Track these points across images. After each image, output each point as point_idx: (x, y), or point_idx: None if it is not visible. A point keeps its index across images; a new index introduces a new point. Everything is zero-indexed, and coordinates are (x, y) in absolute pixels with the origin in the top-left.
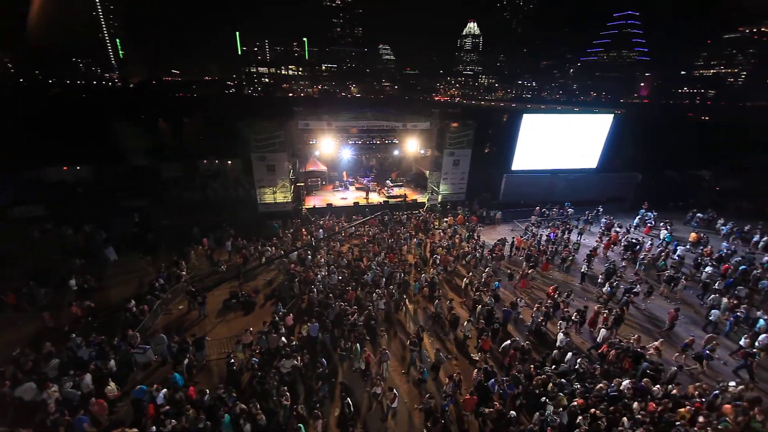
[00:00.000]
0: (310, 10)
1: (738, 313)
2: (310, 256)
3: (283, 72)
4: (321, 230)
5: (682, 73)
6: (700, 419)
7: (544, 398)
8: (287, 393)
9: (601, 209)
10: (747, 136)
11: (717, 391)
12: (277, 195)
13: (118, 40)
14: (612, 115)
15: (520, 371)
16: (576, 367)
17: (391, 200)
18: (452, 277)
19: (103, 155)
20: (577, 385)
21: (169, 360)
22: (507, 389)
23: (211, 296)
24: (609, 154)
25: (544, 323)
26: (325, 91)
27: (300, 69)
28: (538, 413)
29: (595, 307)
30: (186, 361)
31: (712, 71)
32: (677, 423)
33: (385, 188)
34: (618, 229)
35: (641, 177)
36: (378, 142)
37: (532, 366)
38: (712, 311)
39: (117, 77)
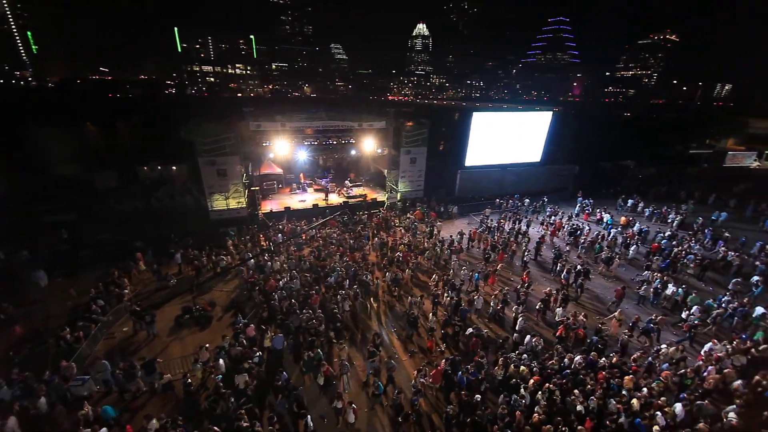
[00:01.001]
0: (256, 7)
1: (663, 288)
2: (269, 263)
3: (229, 71)
4: (280, 235)
5: (607, 74)
6: (641, 382)
7: (513, 380)
8: (243, 413)
9: (546, 199)
10: (660, 129)
11: (650, 358)
12: (230, 201)
13: (29, 33)
14: (551, 113)
15: (482, 357)
16: (532, 347)
17: (351, 200)
18: (415, 273)
19: (20, 165)
20: (534, 363)
21: (114, 389)
22: (471, 376)
23: (160, 314)
24: (550, 148)
25: (502, 310)
26: (276, 91)
27: (248, 68)
28: (502, 395)
29: (547, 290)
30: (134, 387)
31: (630, 73)
32: (623, 389)
33: (344, 189)
34: (560, 217)
35: (578, 168)
36: (334, 142)
37: (499, 353)
38: (644, 287)
39: (30, 75)
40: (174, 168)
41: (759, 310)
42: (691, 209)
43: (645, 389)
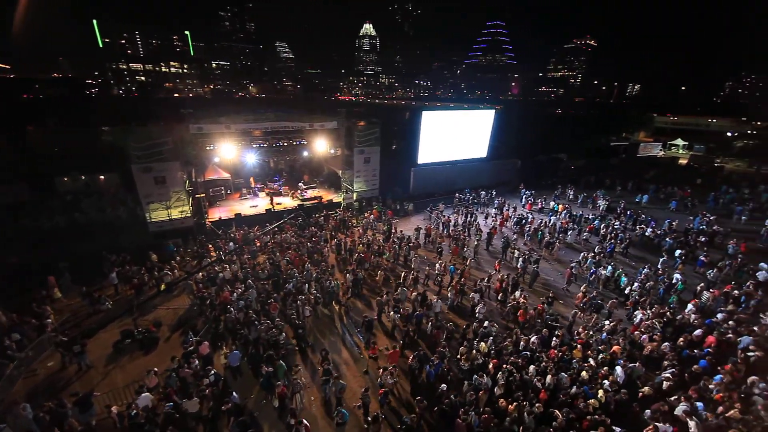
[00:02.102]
0: (189, 1)
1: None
2: (221, 274)
3: (163, 69)
4: (231, 243)
5: (540, 74)
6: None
7: (476, 362)
8: None
9: (494, 192)
10: (585, 124)
11: (592, 333)
12: (173, 210)
13: None
14: (493, 111)
15: (444, 347)
16: (489, 331)
17: (306, 203)
18: (375, 272)
19: None
20: (492, 347)
21: None
22: (435, 369)
23: (94, 341)
24: (495, 144)
25: (459, 300)
26: (219, 91)
27: (185, 66)
28: (466, 382)
29: (499, 276)
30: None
31: (559, 74)
32: (573, 361)
33: (299, 191)
34: (507, 208)
35: (520, 162)
36: (285, 143)
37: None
38: (576, 267)
39: None
40: (102, 177)
41: (676, 276)
42: (604, 194)
43: (591, 360)
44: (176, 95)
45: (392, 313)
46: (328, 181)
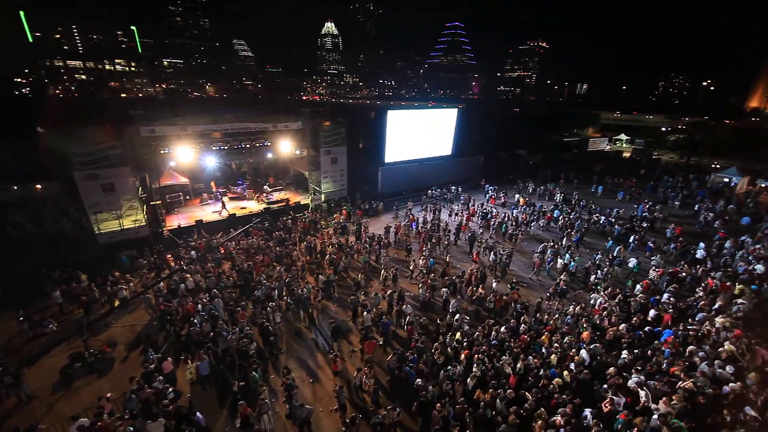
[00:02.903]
0: None
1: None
2: (183, 284)
3: (107, 67)
4: (193, 252)
5: (498, 74)
6: (554, 338)
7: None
8: None
9: (460, 188)
10: (541, 122)
11: (558, 317)
12: (125, 220)
13: None
14: (456, 110)
15: (422, 342)
16: (459, 324)
17: (273, 206)
18: (347, 273)
19: None
20: (465, 340)
21: None
22: (411, 363)
23: (37, 369)
24: (459, 142)
25: (431, 295)
26: (172, 91)
27: (132, 64)
28: (442, 371)
29: (469, 270)
30: None
31: (515, 74)
32: (543, 347)
33: (264, 194)
34: (472, 204)
35: (483, 159)
36: (248, 145)
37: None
38: (538, 256)
39: None
40: (38, 186)
41: (633, 261)
42: (557, 186)
43: (557, 344)
44: (123, 95)
45: (366, 313)
46: (294, 182)
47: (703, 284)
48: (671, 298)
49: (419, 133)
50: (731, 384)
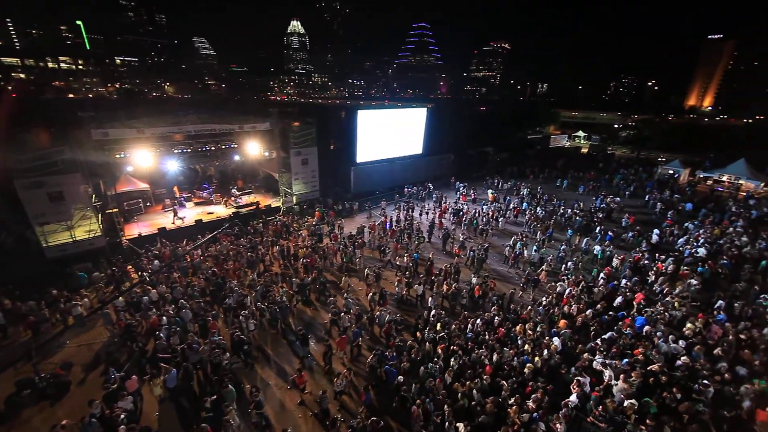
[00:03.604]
0: None
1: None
2: (146, 297)
3: (50, 65)
4: (156, 261)
5: (464, 74)
6: (528, 326)
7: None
8: None
9: (432, 186)
10: (506, 120)
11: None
12: (77, 231)
13: None
14: (426, 109)
15: (401, 340)
16: (436, 319)
17: (242, 210)
18: (323, 276)
19: None
20: (443, 334)
21: None
22: (391, 360)
23: None
24: (429, 141)
25: (406, 293)
26: (127, 91)
27: (80, 62)
28: (422, 367)
29: (444, 266)
30: None
31: (481, 74)
32: (518, 338)
33: (232, 198)
34: (444, 201)
35: (453, 157)
36: (213, 148)
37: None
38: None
39: None
40: None
41: (597, 249)
42: (520, 181)
43: (530, 332)
44: (71, 96)
45: (343, 314)
46: (264, 185)
47: (654, 268)
48: (628, 283)
49: (390, 133)
50: (683, 357)
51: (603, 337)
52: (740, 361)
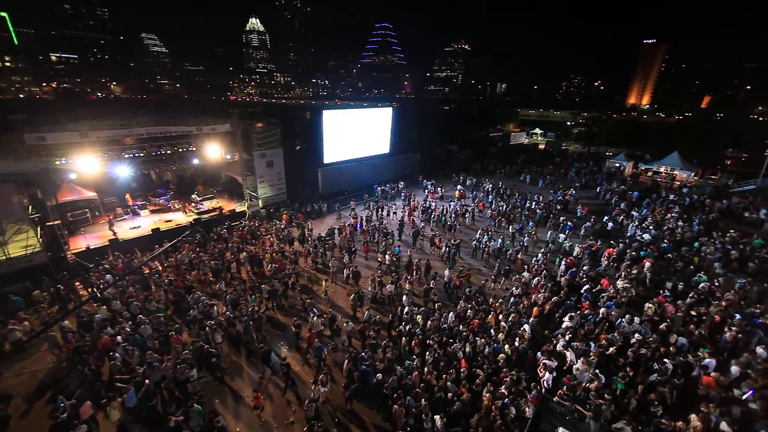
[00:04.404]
0: None
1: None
2: (97, 315)
3: None
4: (109, 276)
5: (427, 74)
6: (500, 317)
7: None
8: None
9: (402, 184)
10: (468, 119)
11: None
12: (10, 247)
13: None
14: (391, 108)
15: (374, 338)
16: (410, 315)
17: (204, 216)
18: (294, 280)
19: None
20: (417, 330)
21: None
22: (367, 360)
23: None
24: (396, 140)
25: (379, 292)
26: (67, 91)
27: (7, 58)
28: (398, 367)
29: (415, 262)
30: None
31: (443, 74)
32: (491, 327)
33: (192, 204)
34: (413, 199)
35: (420, 155)
36: (169, 151)
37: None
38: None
39: None
40: None
41: (561, 237)
42: (479, 178)
43: (503, 323)
44: None
45: (315, 318)
46: (227, 189)
47: (606, 254)
48: (585, 268)
49: (357, 133)
50: (636, 335)
51: (567, 323)
52: (686, 335)
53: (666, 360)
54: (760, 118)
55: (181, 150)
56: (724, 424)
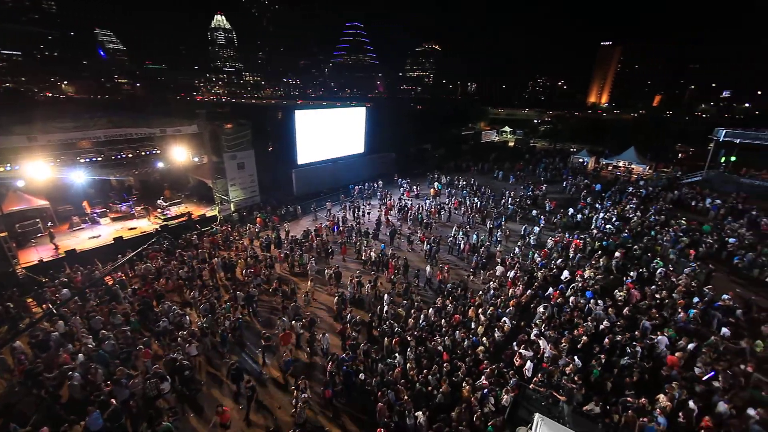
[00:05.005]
0: None
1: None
2: (54, 333)
3: None
4: (66, 290)
5: (400, 74)
6: (479, 311)
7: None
8: None
9: (381, 183)
10: (441, 118)
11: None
12: None
13: None
14: (364, 108)
15: (354, 338)
16: (387, 314)
17: (172, 222)
18: (270, 285)
19: None
20: (397, 328)
21: None
22: (348, 360)
23: None
24: (370, 140)
25: (358, 292)
26: (9, 91)
27: None
28: (380, 364)
29: (392, 261)
30: None
31: (415, 74)
32: (472, 321)
33: (158, 210)
34: (389, 198)
35: (395, 155)
36: (130, 155)
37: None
38: (459, 241)
39: None
40: None
41: (535, 229)
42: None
43: (482, 316)
44: None
45: (294, 321)
46: (196, 193)
47: (572, 246)
48: (559, 261)
49: (330, 133)
50: (604, 322)
51: (541, 313)
52: (651, 318)
53: (636, 343)
54: (703, 115)
55: (144, 153)
56: (691, 402)
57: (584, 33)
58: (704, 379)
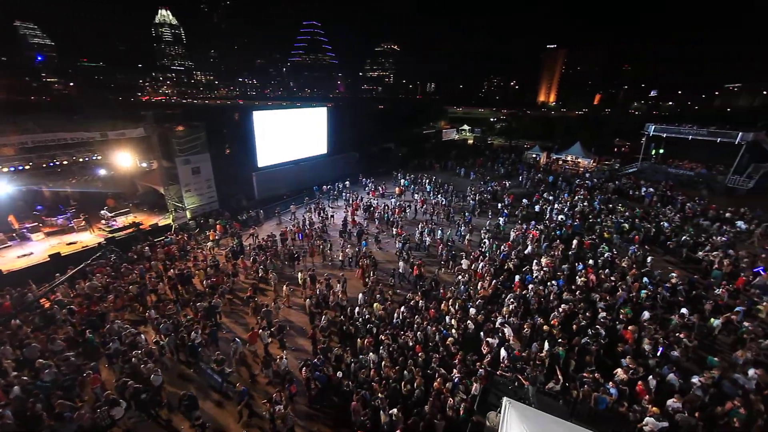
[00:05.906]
0: None
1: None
2: None
3: None
4: None
5: (360, 74)
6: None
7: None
8: None
9: (347, 183)
10: (402, 117)
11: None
12: None
13: None
14: (325, 108)
15: (324, 342)
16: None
17: (119, 234)
18: (234, 295)
19: None
20: (370, 326)
21: None
22: (320, 363)
23: None
24: (333, 140)
25: (329, 294)
26: None
27: None
28: (353, 362)
29: (362, 262)
30: None
31: (376, 73)
32: (445, 315)
33: (102, 221)
34: (355, 198)
35: (358, 155)
36: (65, 162)
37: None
38: (425, 238)
39: None
40: None
41: (501, 221)
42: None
43: (452, 309)
44: None
45: (262, 330)
46: (146, 202)
47: (530, 236)
48: (526, 251)
49: (292, 134)
50: (563, 306)
51: (509, 303)
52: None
53: (598, 327)
54: (636, 113)
55: (81, 160)
56: (651, 379)
57: (531, 36)
58: (657, 353)
